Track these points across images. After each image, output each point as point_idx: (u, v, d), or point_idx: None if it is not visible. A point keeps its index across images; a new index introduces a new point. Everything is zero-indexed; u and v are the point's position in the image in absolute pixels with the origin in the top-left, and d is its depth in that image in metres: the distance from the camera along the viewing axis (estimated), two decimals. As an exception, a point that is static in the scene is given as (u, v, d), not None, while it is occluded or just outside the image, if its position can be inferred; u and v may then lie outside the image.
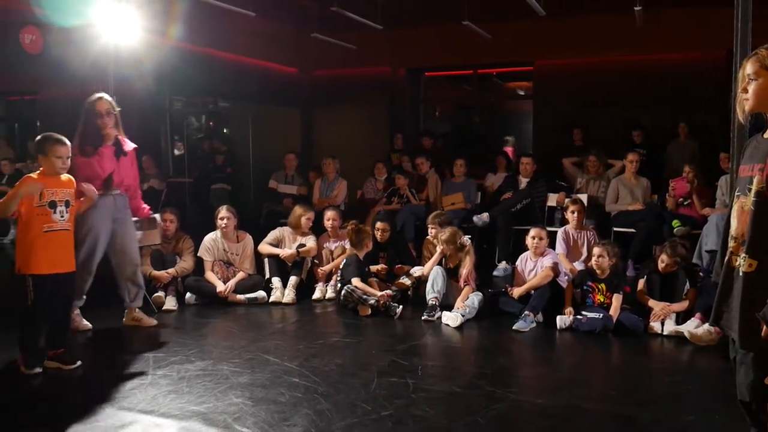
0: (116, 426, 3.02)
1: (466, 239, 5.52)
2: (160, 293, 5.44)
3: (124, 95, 10.32)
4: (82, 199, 3.99)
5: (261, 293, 5.63)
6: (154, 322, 4.84)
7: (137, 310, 4.81)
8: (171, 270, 5.53)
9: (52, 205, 3.67)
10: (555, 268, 5.21)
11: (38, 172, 3.77)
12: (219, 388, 3.51)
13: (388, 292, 5.27)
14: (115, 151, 4.46)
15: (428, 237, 5.91)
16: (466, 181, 7.66)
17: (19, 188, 3.61)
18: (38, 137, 3.77)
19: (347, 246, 5.81)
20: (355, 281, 5.30)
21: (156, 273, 5.49)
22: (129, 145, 4.60)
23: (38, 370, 3.69)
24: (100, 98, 4.37)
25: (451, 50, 10.34)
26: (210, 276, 5.62)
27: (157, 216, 5.07)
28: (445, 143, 11.32)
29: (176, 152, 11.84)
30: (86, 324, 4.67)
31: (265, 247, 5.93)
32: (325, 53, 10.68)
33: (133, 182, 4.69)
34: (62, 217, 3.70)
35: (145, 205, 4.89)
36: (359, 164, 9.23)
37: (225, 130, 11.92)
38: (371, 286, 5.37)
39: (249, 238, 5.89)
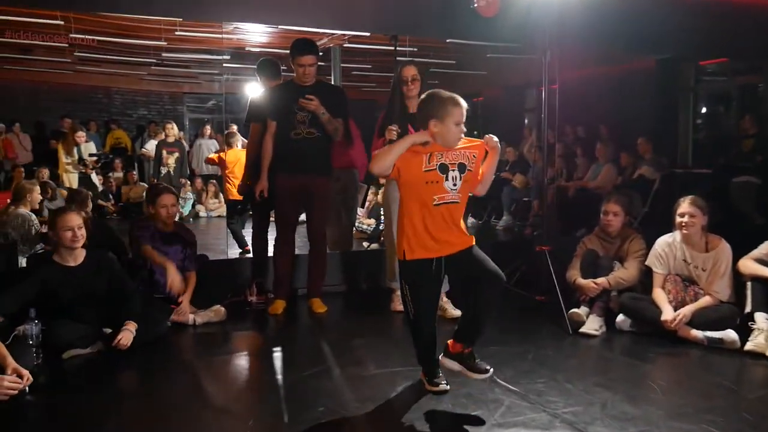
0: None
1: None
2: (581, 309, 4.07)
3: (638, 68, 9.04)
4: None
5: (731, 334, 3.62)
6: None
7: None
8: (602, 279, 4.08)
9: (443, 169, 2.76)
10: None
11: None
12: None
13: None
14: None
15: None
16: None
17: (404, 140, 2.78)
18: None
19: None
20: None
21: (582, 282, 4.13)
22: None
23: (444, 386, 2.88)
24: (406, 65, 4.17)
25: None
26: (658, 295, 3.92)
27: None
28: None
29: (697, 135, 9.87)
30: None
31: (748, 265, 3.83)
32: None
33: None
34: (455, 185, 2.76)
35: None
36: None
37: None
38: None
39: (725, 248, 3.90)
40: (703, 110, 9.85)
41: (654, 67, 9.20)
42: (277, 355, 3.68)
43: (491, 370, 2.81)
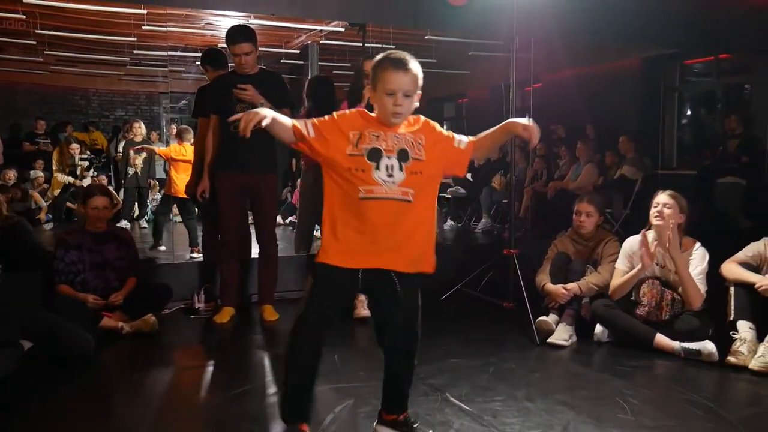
0: None
1: None
2: (550, 317, 3.74)
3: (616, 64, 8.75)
4: None
5: (708, 345, 3.30)
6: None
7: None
8: (572, 284, 3.76)
9: (374, 155, 2.08)
10: None
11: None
12: None
13: None
14: None
15: None
16: None
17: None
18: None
19: None
20: None
21: (551, 287, 3.81)
22: None
23: None
24: (368, 58, 3.82)
25: None
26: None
27: None
28: None
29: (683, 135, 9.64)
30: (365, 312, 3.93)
31: (732, 269, 3.51)
32: None
33: None
34: (390, 176, 2.08)
35: None
36: None
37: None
38: None
39: (698, 248, 3.59)
40: (689, 110, 9.60)
41: (638, 65, 8.99)
42: (209, 369, 3.31)
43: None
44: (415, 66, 2.09)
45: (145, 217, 9.77)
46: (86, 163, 9.38)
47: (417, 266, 2.18)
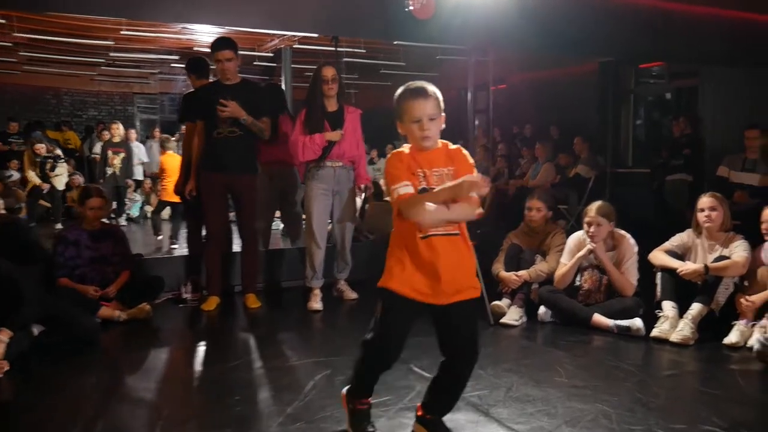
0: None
1: None
2: (503, 301, 4.23)
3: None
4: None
5: (637, 322, 3.82)
6: (355, 295, 4.74)
7: (342, 282, 4.82)
8: (523, 272, 4.25)
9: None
10: None
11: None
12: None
13: None
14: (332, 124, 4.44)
15: None
16: None
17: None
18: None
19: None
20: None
21: (504, 274, 4.30)
22: (353, 113, 4.55)
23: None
24: (326, 65, 4.52)
25: None
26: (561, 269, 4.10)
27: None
28: None
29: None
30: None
31: (658, 256, 4.04)
32: None
33: (356, 152, 4.59)
34: None
35: (367, 176, 4.82)
36: None
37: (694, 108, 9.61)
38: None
39: (628, 242, 4.10)
40: (643, 111, 10.14)
41: (596, 69, 9.48)
42: (201, 349, 3.73)
43: None
44: (433, 90, 2.20)
45: (124, 215, 10.06)
46: (50, 163, 9.61)
47: (468, 293, 2.29)
